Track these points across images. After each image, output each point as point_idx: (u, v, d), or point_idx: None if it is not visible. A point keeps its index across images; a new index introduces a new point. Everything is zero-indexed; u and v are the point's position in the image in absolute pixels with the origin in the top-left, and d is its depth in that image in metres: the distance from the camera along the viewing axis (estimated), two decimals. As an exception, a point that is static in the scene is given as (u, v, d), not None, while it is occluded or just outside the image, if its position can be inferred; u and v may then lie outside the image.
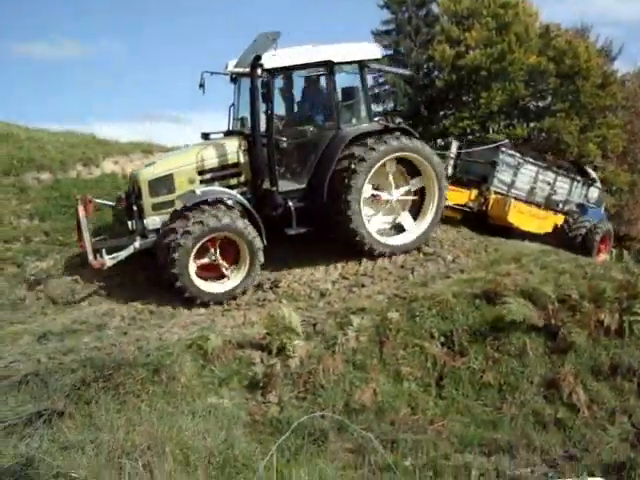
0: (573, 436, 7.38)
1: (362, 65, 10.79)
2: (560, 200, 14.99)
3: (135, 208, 10.23)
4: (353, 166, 10.17)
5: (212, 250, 9.73)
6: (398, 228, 11.09)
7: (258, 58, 9.48)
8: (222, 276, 9.92)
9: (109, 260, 9.51)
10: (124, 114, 54.69)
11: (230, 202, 9.94)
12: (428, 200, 11.05)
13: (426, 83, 35.81)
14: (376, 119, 11.12)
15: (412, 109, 36.04)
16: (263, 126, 9.95)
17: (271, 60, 9.81)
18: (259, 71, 9.59)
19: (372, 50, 11.02)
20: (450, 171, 14.30)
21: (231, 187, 10.30)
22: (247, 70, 9.79)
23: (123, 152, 14.12)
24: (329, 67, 10.42)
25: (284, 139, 10.17)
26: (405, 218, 11.08)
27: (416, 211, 11.16)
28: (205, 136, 11.61)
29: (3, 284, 10.29)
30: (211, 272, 9.87)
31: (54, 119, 64.37)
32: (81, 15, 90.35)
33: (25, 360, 7.70)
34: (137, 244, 9.69)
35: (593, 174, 16.09)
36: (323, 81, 10.84)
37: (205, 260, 9.73)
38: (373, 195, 10.72)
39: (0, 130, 14.70)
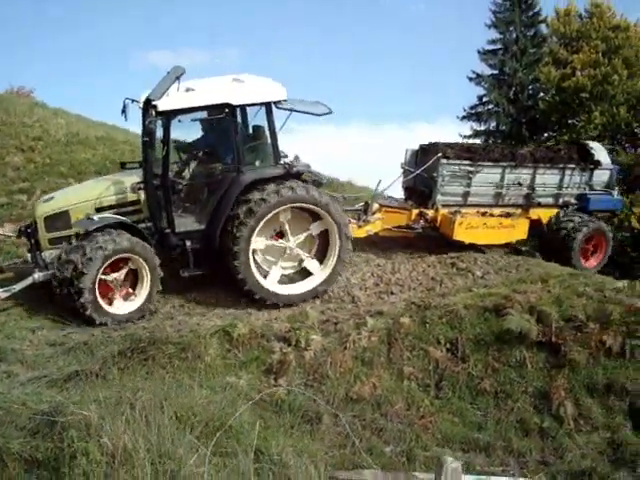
0: (552, 445, 7.85)
1: (268, 106, 10.33)
2: (546, 195, 13.56)
3: (33, 241, 10.27)
4: (242, 217, 9.89)
5: (114, 273, 9.72)
6: (305, 272, 10.76)
7: (148, 102, 9.33)
8: (128, 295, 9.97)
9: (2, 293, 9.61)
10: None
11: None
12: (331, 246, 10.66)
13: (530, 104, 35.75)
14: (281, 162, 10.42)
15: (514, 129, 36.08)
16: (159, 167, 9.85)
17: (166, 102, 9.47)
18: (153, 113, 9.38)
19: (276, 90, 10.37)
20: (409, 184, 13.61)
21: None
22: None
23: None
24: (229, 109, 10.05)
25: (181, 181, 10.15)
26: (310, 262, 10.75)
27: (322, 254, 10.79)
28: (122, 165, 11.68)
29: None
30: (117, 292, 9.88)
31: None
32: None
33: (81, 332, 9.04)
34: (36, 275, 9.64)
35: (599, 154, 14.08)
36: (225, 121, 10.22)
37: (110, 282, 9.70)
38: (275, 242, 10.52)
39: (101, 133, 16.50)
